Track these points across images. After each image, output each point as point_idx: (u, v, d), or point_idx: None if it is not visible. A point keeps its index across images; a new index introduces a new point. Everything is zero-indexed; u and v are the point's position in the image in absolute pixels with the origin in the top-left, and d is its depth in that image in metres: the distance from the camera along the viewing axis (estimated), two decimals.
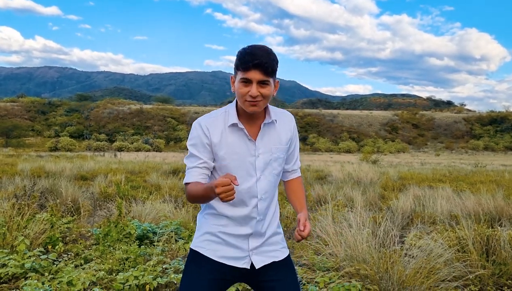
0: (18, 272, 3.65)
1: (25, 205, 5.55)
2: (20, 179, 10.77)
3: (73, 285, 3.25)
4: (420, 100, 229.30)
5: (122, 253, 4.17)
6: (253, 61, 1.69)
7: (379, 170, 21.26)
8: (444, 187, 9.78)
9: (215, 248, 1.87)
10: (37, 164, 18.64)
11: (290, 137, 1.93)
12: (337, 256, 3.73)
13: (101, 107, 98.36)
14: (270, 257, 1.89)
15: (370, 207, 8.24)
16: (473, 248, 4.41)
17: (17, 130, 75.82)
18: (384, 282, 3.26)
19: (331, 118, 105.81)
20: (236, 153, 1.81)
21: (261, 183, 1.83)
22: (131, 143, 74.60)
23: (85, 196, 7.82)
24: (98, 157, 34.08)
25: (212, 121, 1.83)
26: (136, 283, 3.43)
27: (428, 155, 74.03)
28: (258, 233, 1.87)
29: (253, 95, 1.73)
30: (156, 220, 6.21)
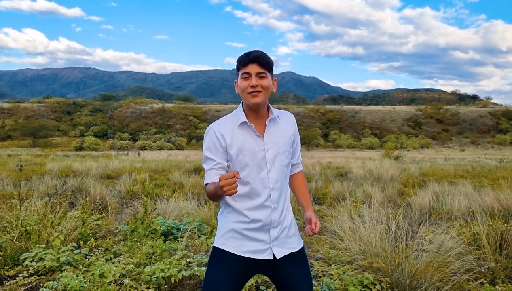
0: (54, 265, 3.95)
1: (57, 203, 5.89)
2: (50, 178, 11.22)
3: (105, 277, 3.51)
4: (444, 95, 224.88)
5: (149, 248, 4.43)
6: (250, 56, 1.99)
7: (401, 166, 21.17)
8: (465, 183, 9.79)
9: (239, 244, 2.06)
10: (65, 163, 19.25)
11: (293, 133, 2.16)
12: (351, 250, 3.90)
13: (124, 106, 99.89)
14: (289, 248, 2.10)
15: (389, 203, 8.34)
16: (487, 243, 4.51)
17: (44, 130, 77.62)
18: (396, 274, 3.42)
19: (352, 114, 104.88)
20: (247, 150, 2.04)
21: (272, 174, 2.05)
22: (154, 141, 75.69)
23: (112, 194, 8.15)
24: (122, 156, 34.83)
25: (222, 124, 2.08)
26: (162, 276, 3.67)
27: (452, 151, 72.80)
28: (276, 222, 2.06)
29: (253, 85, 1.98)
30: (179, 217, 6.46)
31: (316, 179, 13.07)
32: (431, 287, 3.41)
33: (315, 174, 15.79)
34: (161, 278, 3.67)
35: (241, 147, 2.04)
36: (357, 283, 3.29)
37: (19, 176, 12.41)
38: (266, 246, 2.06)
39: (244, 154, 2.04)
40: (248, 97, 2.01)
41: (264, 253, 2.06)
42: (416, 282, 3.43)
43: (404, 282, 3.41)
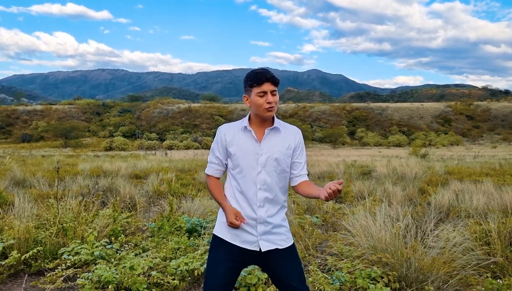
0: (89, 259, 4.32)
1: (90, 202, 6.31)
2: (82, 178, 11.77)
3: (134, 269, 3.85)
4: (475, 90, 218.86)
5: (174, 244, 4.77)
6: (266, 76, 2.33)
7: (427, 164, 21.02)
8: (487, 181, 9.77)
9: (233, 234, 2.41)
10: (95, 164, 19.94)
11: (294, 146, 2.44)
12: (362, 246, 4.12)
13: (152, 107, 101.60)
14: (275, 244, 2.41)
15: (409, 202, 8.46)
16: (498, 239, 4.65)
17: (75, 131, 79.78)
18: (404, 269, 3.63)
19: (379, 111, 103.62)
20: (244, 150, 2.38)
21: (261, 176, 2.36)
22: (181, 141, 76.79)
23: (140, 193, 8.56)
24: (150, 156, 35.64)
25: (229, 127, 2.45)
26: (186, 269, 4.00)
27: (483, 148, 71.13)
28: (262, 218, 2.37)
29: (269, 101, 2.33)
30: (203, 215, 6.79)
31: (338, 178, 13.22)
32: (437, 280, 3.61)
33: (338, 173, 15.93)
34: (185, 271, 4.00)
35: (239, 148, 2.39)
36: (365, 276, 3.52)
37: (54, 176, 13.05)
38: (254, 238, 2.39)
39: (240, 153, 2.38)
40: (264, 112, 2.35)
41: (252, 244, 2.39)
42: (423, 276, 3.63)
43: (411, 276, 3.62)
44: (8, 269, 4.31)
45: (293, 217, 6.00)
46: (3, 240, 4.74)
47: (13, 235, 4.74)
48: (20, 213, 6.05)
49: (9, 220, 5.67)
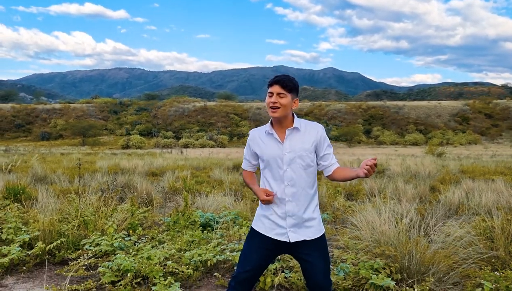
0: (109, 249, 4.60)
1: (109, 197, 6.61)
2: (100, 175, 12.15)
3: (151, 259, 4.11)
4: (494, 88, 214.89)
5: (189, 237, 5.02)
6: (276, 79, 2.58)
7: (442, 163, 20.97)
8: (499, 179, 9.81)
9: (265, 226, 2.67)
10: (113, 161, 20.39)
11: (317, 141, 2.65)
12: (367, 240, 4.31)
13: (168, 105, 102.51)
14: (303, 235, 2.63)
15: (419, 200, 8.58)
16: (502, 235, 4.79)
17: (93, 129, 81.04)
18: (406, 261, 3.81)
19: (396, 110, 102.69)
20: (269, 152, 2.64)
21: (287, 173, 2.59)
22: (196, 139, 77.40)
23: (156, 190, 8.86)
24: (166, 154, 36.11)
25: (256, 131, 2.74)
26: (199, 259, 4.24)
27: (502, 147, 70.05)
28: (291, 212, 2.60)
29: (273, 101, 2.56)
30: (217, 210, 7.03)
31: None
32: (438, 272, 3.78)
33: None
34: (199, 262, 4.24)
35: (264, 151, 2.65)
36: (368, 268, 3.71)
37: (73, 174, 13.46)
38: (283, 230, 2.62)
39: (267, 156, 2.64)
40: (269, 111, 2.60)
41: (282, 236, 2.62)
42: (424, 268, 3.80)
43: (412, 268, 3.79)
44: (34, 259, 4.61)
45: None
46: (28, 231, 5.05)
47: (38, 227, 5.05)
48: (44, 207, 6.38)
49: (33, 214, 6.00)
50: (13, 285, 4.10)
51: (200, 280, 4.19)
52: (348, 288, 3.68)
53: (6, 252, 4.50)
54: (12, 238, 4.95)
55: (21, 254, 4.52)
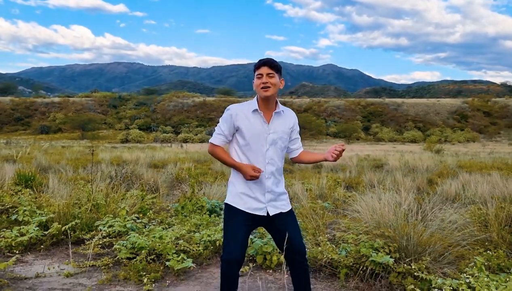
0: (122, 230, 4.84)
1: (118, 184, 6.84)
2: (105, 165, 12.36)
3: (163, 239, 4.34)
4: (493, 86, 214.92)
5: (197, 220, 5.26)
6: (263, 60, 2.80)
7: (439, 159, 21.23)
8: (495, 173, 10.06)
9: (244, 202, 2.82)
10: (115, 154, 20.62)
11: (292, 126, 2.93)
12: (367, 223, 4.55)
13: (167, 100, 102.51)
14: (279, 208, 2.89)
15: (417, 191, 8.83)
16: (495, 221, 5.04)
17: (92, 123, 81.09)
18: (404, 241, 4.05)
19: (395, 107, 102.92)
20: (254, 130, 2.81)
21: (269, 153, 2.82)
22: (195, 134, 77.56)
23: (162, 179, 9.08)
24: (166, 147, 36.33)
25: (239, 108, 2.84)
26: (209, 239, 4.48)
27: (500, 145, 70.34)
28: (269, 188, 2.84)
29: (264, 82, 2.76)
30: (222, 198, 7.27)
31: (350, 169, 13.60)
32: (434, 253, 4.02)
33: (351, 165, 16.29)
34: (208, 242, 4.48)
35: (249, 127, 2.79)
36: (368, 247, 3.95)
37: (77, 164, 13.67)
38: (262, 205, 2.84)
39: (251, 133, 2.80)
40: (261, 91, 2.78)
41: (261, 210, 2.84)
42: (421, 249, 4.05)
43: (410, 248, 4.03)
44: (50, 238, 4.85)
45: (306, 202, 6.43)
46: (43, 214, 5.28)
47: (53, 210, 5.28)
48: (55, 193, 6.61)
49: (45, 199, 6.23)
50: (32, 261, 4.34)
51: (210, 258, 4.44)
52: (349, 266, 3.92)
53: (24, 232, 4.73)
54: (28, 220, 5.18)
55: (38, 234, 4.75)
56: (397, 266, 3.81)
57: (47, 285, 3.68)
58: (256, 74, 2.80)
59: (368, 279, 3.83)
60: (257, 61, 2.82)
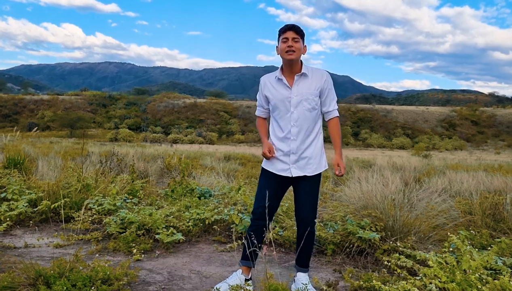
0: (112, 208, 4.85)
1: (107, 170, 6.84)
2: (94, 157, 12.30)
3: (153, 216, 4.37)
4: (481, 96, 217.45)
5: (187, 202, 5.28)
6: (288, 26, 2.89)
7: (427, 162, 21.46)
8: (480, 171, 10.24)
9: (273, 163, 3.00)
10: (104, 149, 20.50)
11: (320, 86, 2.97)
12: (354, 205, 4.63)
13: (157, 100, 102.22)
14: (304, 171, 2.96)
15: (405, 185, 8.94)
16: (480, 210, 5.15)
17: (81, 121, 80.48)
18: (390, 222, 4.13)
19: (384, 113, 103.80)
20: (278, 96, 2.96)
21: (294, 115, 2.92)
22: (185, 135, 77.35)
23: (153, 168, 9.09)
24: (156, 146, 36.21)
25: (267, 77, 3.07)
26: (198, 217, 4.52)
27: (487, 153, 71.17)
28: (294, 150, 2.93)
29: (289, 45, 2.86)
30: (211, 186, 7.30)
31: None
32: (419, 232, 4.11)
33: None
34: (198, 220, 4.52)
35: (274, 94, 2.97)
36: (355, 225, 4.02)
37: (66, 156, 13.60)
38: (287, 166, 2.96)
39: (276, 99, 2.96)
40: (285, 55, 2.88)
41: (286, 171, 2.96)
42: (407, 229, 4.13)
43: (396, 228, 4.11)
44: (39, 215, 4.85)
45: None
46: (33, 193, 5.27)
47: (43, 188, 5.28)
48: (44, 176, 6.60)
49: (35, 181, 6.22)
50: (22, 235, 4.34)
51: (199, 236, 4.47)
52: (337, 243, 3.99)
53: (14, 207, 4.73)
54: (17, 199, 5.16)
55: (28, 210, 4.75)
56: (383, 244, 3.88)
57: (36, 253, 3.70)
58: (282, 38, 2.88)
59: (355, 255, 3.90)
60: (282, 27, 2.92)
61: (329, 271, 3.60)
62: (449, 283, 2.50)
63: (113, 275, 2.86)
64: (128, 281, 2.95)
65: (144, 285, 3.08)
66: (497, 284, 2.48)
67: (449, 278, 2.58)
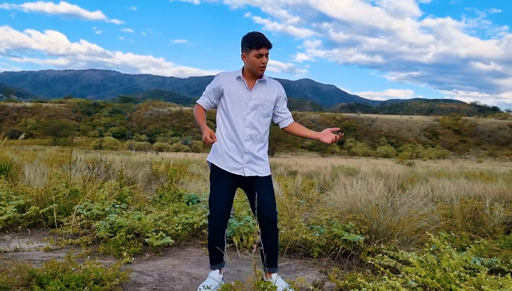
0: (101, 213, 4.89)
1: (95, 176, 6.87)
2: (80, 164, 12.26)
3: (142, 220, 4.43)
4: (463, 106, 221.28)
5: (175, 207, 5.35)
6: (264, 42, 2.95)
7: (411, 170, 21.82)
8: (462, 178, 10.50)
9: (224, 162, 3.03)
10: (88, 157, 20.37)
11: (277, 95, 3.11)
12: (340, 209, 4.76)
13: (143, 108, 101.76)
14: (256, 172, 3.06)
15: (389, 191, 9.12)
16: (460, 214, 5.33)
17: (65, 129, 79.57)
18: (375, 225, 4.26)
19: (369, 122, 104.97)
20: (237, 95, 3.03)
21: (249, 117, 3.02)
22: (171, 143, 77.05)
23: (140, 175, 9.11)
24: (141, 154, 36.04)
25: (226, 74, 3.10)
26: (187, 222, 4.59)
27: (469, 162, 72.35)
28: (248, 150, 3.02)
29: (264, 62, 2.97)
30: (199, 193, 7.37)
31: (324, 174, 13.88)
32: (402, 235, 4.24)
33: (325, 173, 16.61)
34: (186, 224, 4.59)
35: (234, 93, 3.04)
36: (340, 228, 4.14)
37: (52, 163, 13.51)
38: (240, 165, 3.03)
39: (235, 98, 3.03)
40: (258, 70, 2.99)
41: (238, 170, 3.03)
42: (390, 232, 4.26)
43: (380, 231, 4.25)
44: (28, 220, 4.86)
45: (282, 196, 6.60)
46: (21, 198, 5.29)
47: (31, 194, 5.30)
48: (32, 182, 6.60)
49: (22, 186, 6.22)
50: (10, 240, 4.36)
51: (188, 240, 4.54)
52: (323, 245, 4.10)
53: (2, 213, 4.74)
54: (4, 204, 5.16)
55: (16, 215, 4.77)
56: (367, 246, 4.01)
57: (26, 257, 3.72)
58: (255, 54, 2.93)
59: (340, 257, 4.01)
60: (256, 39, 2.92)
61: (315, 273, 3.71)
62: (428, 278, 2.63)
63: (105, 276, 2.92)
64: (120, 282, 3.01)
65: (136, 286, 3.14)
66: (474, 280, 2.61)
67: (429, 275, 2.71)
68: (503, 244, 4.21)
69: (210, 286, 2.96)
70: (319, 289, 3.17)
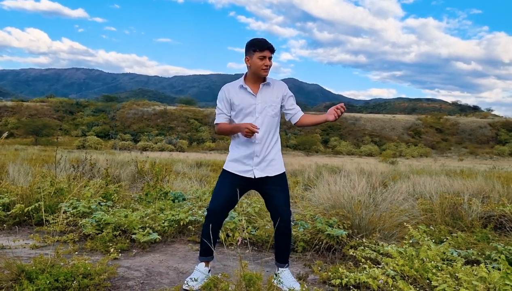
0: (86, 211, 4.92)
1: (80, 175, 6.86)
2: (63, 164, 12.17)
3: (129, 217, 4.47)
4: (445, 105, 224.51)
5: (161, 204, 5.40)
6: (267, 45, 3.07)
7: (394, 167, 22.13)
8: (443, 176, 10.74)
9: (235, 166, 3.15)
10: (72, 156, 20.18)
11: (282, 94, 3.20)
12: (323, 205, 4.87)
13: (127, 108, 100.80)
14: (266, 173, 3.14)
15: (372, 188, 9.30)
16: (440, 209, 5.49)
17: (46, 129, 78.48)
18: (357, 220, 4.38)
19: (353, 121, 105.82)
20: (243, 103, 3.12)
21: (258, 120, 3.10)
22: (155, 143, 76.58)
23: (125, 173, 9.11)
24: (125, 153, 35.80)
25: (229, 86, 3.20)
26: (173, 218, 4.65)
27: (451, 160, 73.50)
28: (257, 153, 3.11)
29: (268, 65, 3.08)
30: (184, 191, 7.42)
31: (308, 172, 14.03)
32: (384, 230, 4.37)
33: (310, 171, 16.77)
34: (172, 221, 4.65)
35: (240, 101, 3.13)
36: (324, 223, 4.25)
37: (35, 163, 13.38)
38: (250, 168, 3.12)
39: (241, 106, 3.12)
40: (262, 72, 3.10)
41: (248, 173, 3.12)
42: (372, 227, 4.39)
43: (362, 226, 4.37)
44: (13, 218, 4.86)
45: None
46: (5, 197, 5.27)
47: (16, 192, 5.29)
48: (16, 181, 6.57)
49: (6, 185, 6.19)
50: None
51: (174, 236, 4.60)
52: (307, 240, 4.21)
53: None
54: None
55: (1, 214, 4.76)
56: (350, 240, 4.12)
57: (14, 254, 3.74)
58: (259, 56, 3.04)
59: (323, 251, 4.12)
60: (259, 42, 3.06)
61: (299, 266, 3.81)
62: (406, 267, 2.74)
63: (94, 271, 2.97)
64: (108, 276, 3.07)
65: (124, 280, 3.20)
66: (450, 270, 2.74)
67: (408, 265, 2.83)
68: (480, 237, 4.37)
69: (197, 278, 3.04)
70: (303, 282, 3.26)
